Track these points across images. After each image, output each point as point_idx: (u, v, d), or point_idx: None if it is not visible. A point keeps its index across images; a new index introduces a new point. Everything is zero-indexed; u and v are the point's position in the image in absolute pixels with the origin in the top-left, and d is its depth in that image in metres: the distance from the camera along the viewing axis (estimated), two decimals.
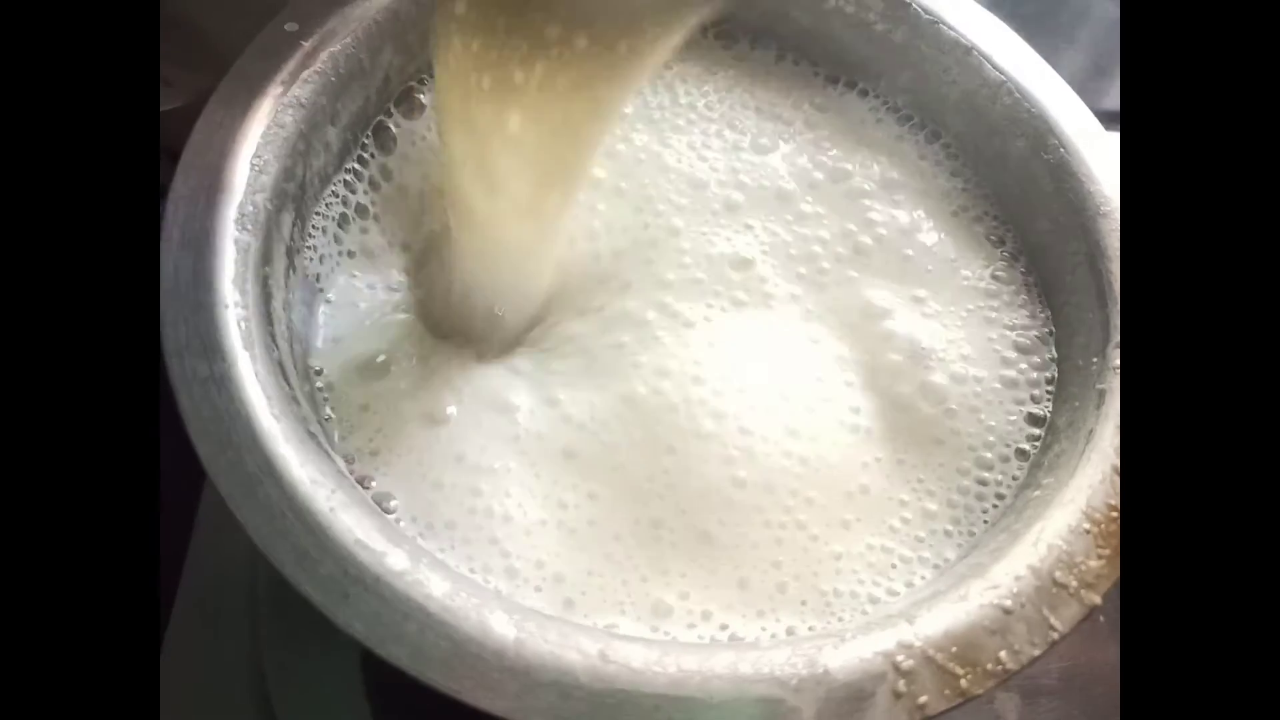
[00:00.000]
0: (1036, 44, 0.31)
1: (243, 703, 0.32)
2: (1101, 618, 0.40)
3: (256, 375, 0.21)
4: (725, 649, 0.20)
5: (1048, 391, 0.27)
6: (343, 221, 0.28)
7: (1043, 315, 0.28)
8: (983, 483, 0.26)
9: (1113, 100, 0.53)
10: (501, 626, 0.19)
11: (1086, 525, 0.22)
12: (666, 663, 0.19)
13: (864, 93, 0.33)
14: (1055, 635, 0.20)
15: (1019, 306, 0.29)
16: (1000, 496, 0.25)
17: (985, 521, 0.24)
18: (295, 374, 0.23)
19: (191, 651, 0.33)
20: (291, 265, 0.26)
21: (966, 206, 0.31)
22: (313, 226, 0.27)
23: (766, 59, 0.33)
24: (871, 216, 0.30)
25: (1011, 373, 0.27)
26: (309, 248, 0.27)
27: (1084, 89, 0.57)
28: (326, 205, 0.28)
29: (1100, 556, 0.22)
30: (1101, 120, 0.53)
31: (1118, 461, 0.23)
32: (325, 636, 0.19)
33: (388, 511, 0.23)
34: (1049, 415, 0.26)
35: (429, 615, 0.19)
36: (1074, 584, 0.21)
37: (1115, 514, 0.22)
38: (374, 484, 0.24)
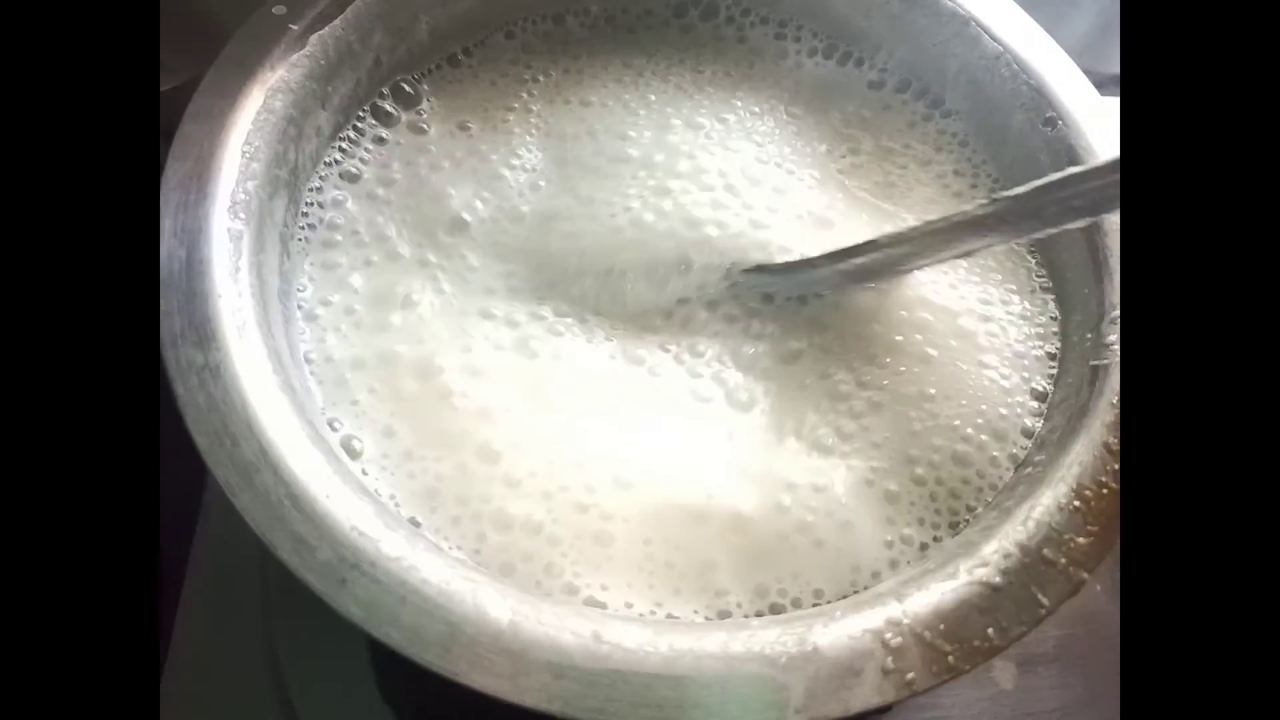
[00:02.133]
0: (1040, 6, 0.31)
1: (255, 679, 0.33)
2: (1099, 587, 0.41)
3: (252, 363, 0.22)
4: (717, 628, 0.20)
5: (1049, 369, 0.27)
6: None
7: (1045, 291, 0.28)
8: (982, 460, 0.26)
9: (1118, 64, 0.52)
10: (496, 609, 0.19)
11: (1077, 502, 0.22)
12: (659, 642, 0.19)
13: (859, 62, 0.32)
14: (1043, 612, 0.21)
15: (1023, 282, 0.28)
16: (997, 481, 0.25)
17: (978, 500, 0.25)
18: (290, 359, 0.24)
19: (204, 630, 0.34)
20: (286, 250, 0.26)
21: (969, 178, 0.30)
22: (306, 202, 0.27)
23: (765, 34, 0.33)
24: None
25: (1013, 349, 0.27)
26: (302, 229, 0.27)
27: (1089, 53, 0.56)
28: (318, 190, 0.28)
29: (1089, 534, 0.22)
30: (1105, 84, 0.52)
31: (1110, 439, 0.23)
32: (334, 614, 0.19)
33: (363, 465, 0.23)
34: (1049, 392, 0.26)
35: (425, 599, 0.19)
36: (1063, 561, 0.21)
37: (1106, 491, 0.22)
38: (367, 468, 0.24)
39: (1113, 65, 0.52)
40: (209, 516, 0.36)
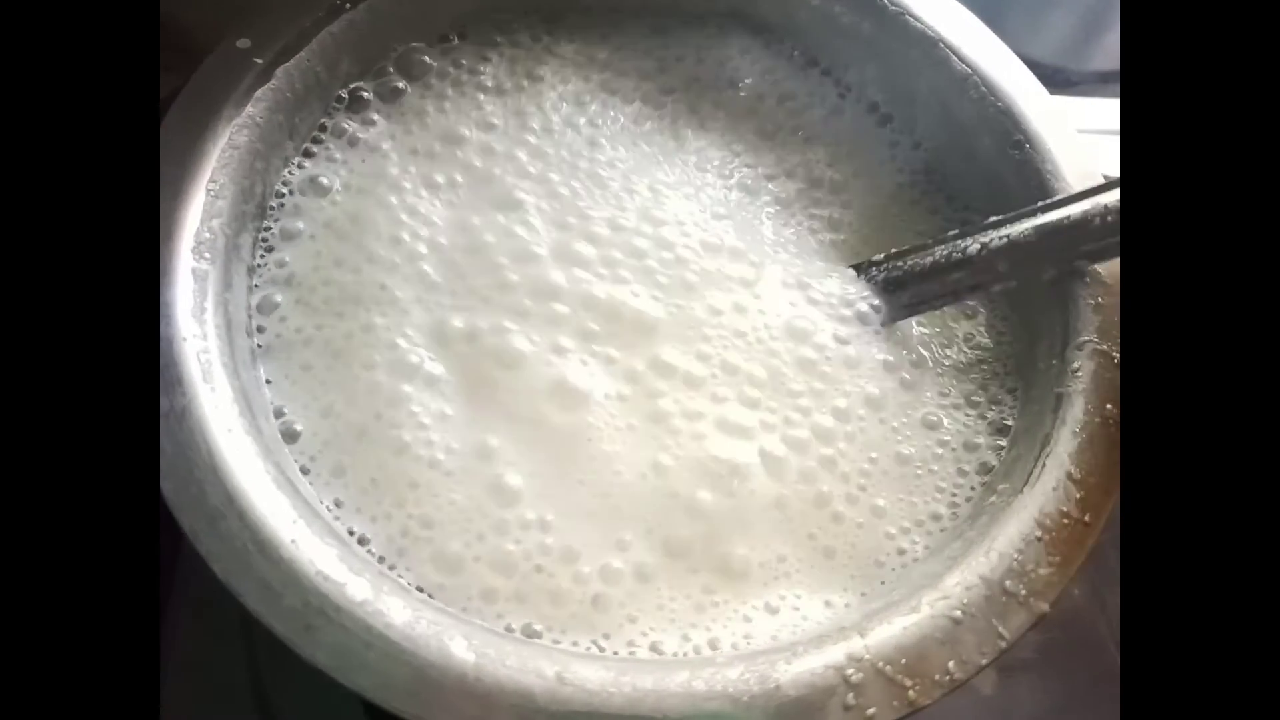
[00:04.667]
0: (1023, 6, 0.31)
1: (240, 700, 0.33)
2: (1076, 591, 0.41)
3: (217, 407, 0.22)
4: (680, 666, 0.20)
5: (1012, 397, 0.27)
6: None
7: (1011, 317, 0.28)
8: (953, 489, 0.26)
9: (1102, 62, 0.52)
10: (461, 652, 0.20)
11: (1038, 533, 0.22)
12: (622, 683, 0.20)
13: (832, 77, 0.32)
14: (1003, 644, 0.21)
15: (989, 308, 0.29)
16: (965, 500, 0.25)
17: (943, 530, 0.25)
18: (258, 400, 0.24)
19: (190, 651, 0.34)
20: (254, 285, 0.26)
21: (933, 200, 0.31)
22: (264, 238, 0.27)
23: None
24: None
25: (977, 378, 0.27)
26: (261, 265, 0.27)
27: (1073, 51, 0.56)
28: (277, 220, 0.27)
29: (1050, 564, 0.22)
30: (1087, 82, 0.52)
31: (1073, 468, 0.23)
32: None
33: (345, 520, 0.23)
34: (1013, 420, 0.26)
35: (390, 643, 0.19)
36: (1023, 592, 0.22)
37: (1067, 521, 0.23)
38: (339, 506, 0.24)
39: (1094, 64, 0.52)
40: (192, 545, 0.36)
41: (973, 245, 0.27)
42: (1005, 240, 0.26)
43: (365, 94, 0.29)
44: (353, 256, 0.27)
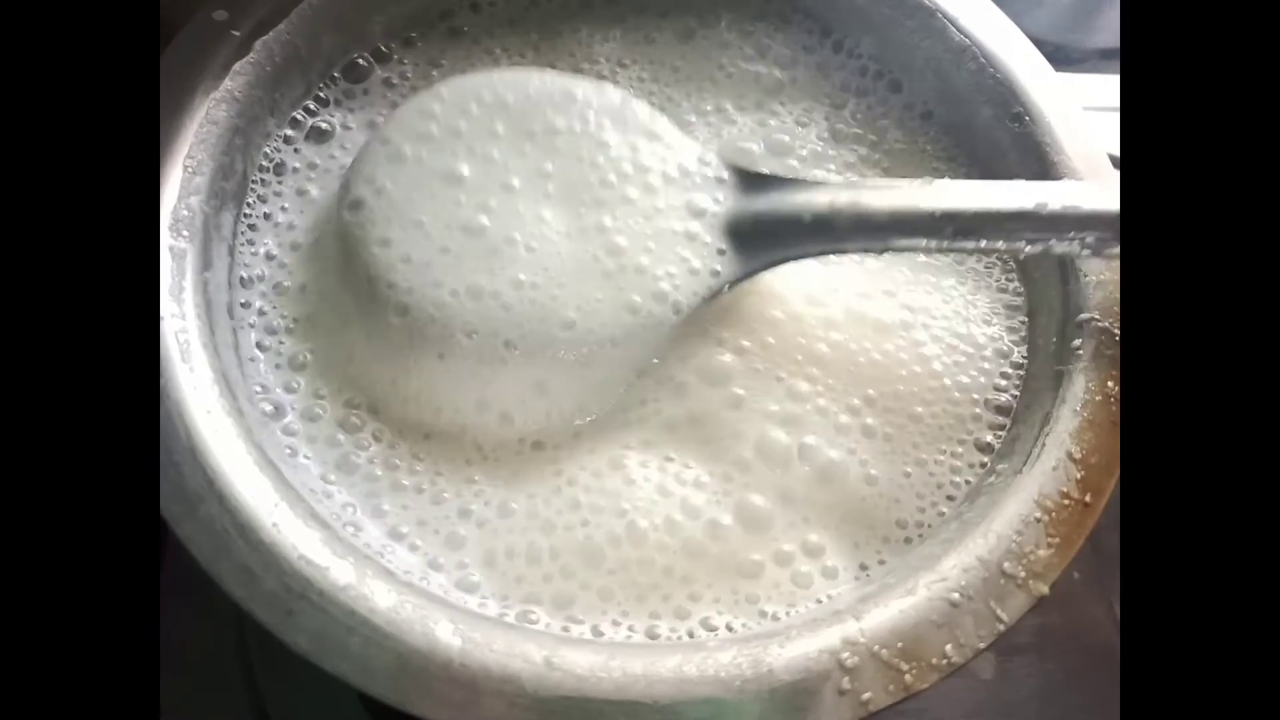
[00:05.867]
0: None
1: (233, 691, 0.33)
2: (1076, 574, 0.41)
3: (196, 388, 0.21)
4: (672, 651, 0.20)
5: (1016, 374, 0.26)
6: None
7: (1014, 290, 0.28)
8: (951, 469, 0.25)
9: (1102, 38, 0.51)
10: (447, 636, 0.19)
11: (1038, 514, 0.22)
12: (612, 667, 0.19)
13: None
14: (1001, 627, 0.20)
15: (993, 285, 0.28)
16: (968, 482, 0.25)
17: (942, 512, 0.24)
18: (240, 381, 0.23)
19: (180, 637, 0.34)
20: (235, 264, 0.25)
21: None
22: (248, 218, 0.26)
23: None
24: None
25: (977, 360, 0.27)
26: (247, 242, 0.26)
27: (1073, 26, 0.55)
28: (261, 198, 0.27)
29: (1050, 545, 0.22)
30: (1088, 59, 0.51)
31: (1073, 448, 0.23)
32: None
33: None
34: (1014, 400, 0.26)
35: (374, 628, 0.19)
36: (1022, 574, 0.21)
37: (1068, 502, 0.22)
38: (332, 486, 0.23)
39: (1094, 40, 0.52)
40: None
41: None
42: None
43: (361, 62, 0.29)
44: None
